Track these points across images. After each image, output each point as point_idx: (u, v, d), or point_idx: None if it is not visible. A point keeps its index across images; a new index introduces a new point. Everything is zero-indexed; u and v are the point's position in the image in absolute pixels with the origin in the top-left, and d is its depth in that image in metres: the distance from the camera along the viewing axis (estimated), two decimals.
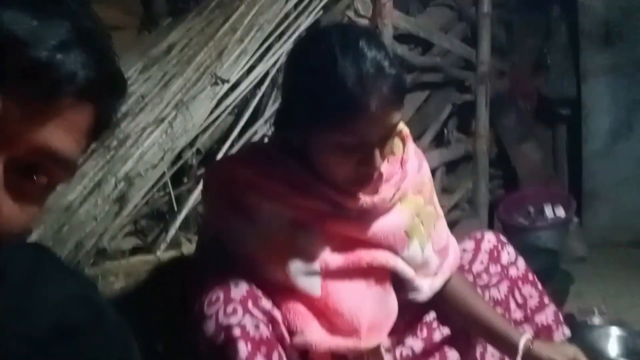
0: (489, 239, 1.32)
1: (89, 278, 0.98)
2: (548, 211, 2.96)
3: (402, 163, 1.16)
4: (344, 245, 1.10)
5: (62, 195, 1.37)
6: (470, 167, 2.89)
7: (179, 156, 1.60)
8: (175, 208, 1.57)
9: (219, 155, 1.65)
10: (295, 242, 1.07)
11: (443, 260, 1.22)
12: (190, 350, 1.07)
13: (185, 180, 1.67)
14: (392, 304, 1.14)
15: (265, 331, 0.99)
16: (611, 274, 2.48)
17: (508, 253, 1.31)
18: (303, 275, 1.06)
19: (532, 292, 1.30)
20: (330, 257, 1.08)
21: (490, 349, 1.29)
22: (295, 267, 1.06)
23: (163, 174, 1.54)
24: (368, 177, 1.04)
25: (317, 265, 1.07)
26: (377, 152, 0.99)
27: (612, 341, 1.80)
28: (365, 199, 1.08)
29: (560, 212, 2.95)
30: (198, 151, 1.68)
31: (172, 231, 1.51)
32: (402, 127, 1.16)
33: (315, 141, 1.02)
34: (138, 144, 1.48)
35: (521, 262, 1.32)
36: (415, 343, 1.23)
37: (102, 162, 1.44)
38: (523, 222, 2.97)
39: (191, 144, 1.62)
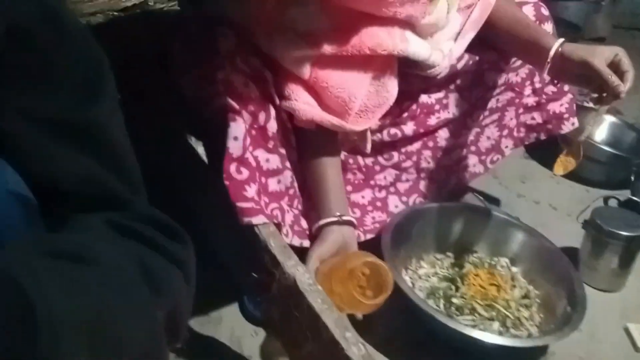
0: (527, 9, 1.15)
1: None
2: None
3: None
4: (347, 22, 0.93)
5: None
6: None
7: None
8: None
9: None
10: (284, 16, 0.92)
11: (465, 19, 1.07)
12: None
13: None
14: (391, 90, 1.02)
15: (253, 89, 0.91)
16: None
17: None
18: (292, 56, 0.94)
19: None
20: (327, 39, 0.93)
21: (487, 131, 1.23)
22: (283, 45, 0.93)
23: None
24: None
25: (309, 47, 0.93)
26: None
27: (603, 127, 1.77)
28: None
29: None
30: None
31: None
32: None
33: None
34: None
35: None
36: (407, 125, 1.15)
37: None
38: None
39: None
